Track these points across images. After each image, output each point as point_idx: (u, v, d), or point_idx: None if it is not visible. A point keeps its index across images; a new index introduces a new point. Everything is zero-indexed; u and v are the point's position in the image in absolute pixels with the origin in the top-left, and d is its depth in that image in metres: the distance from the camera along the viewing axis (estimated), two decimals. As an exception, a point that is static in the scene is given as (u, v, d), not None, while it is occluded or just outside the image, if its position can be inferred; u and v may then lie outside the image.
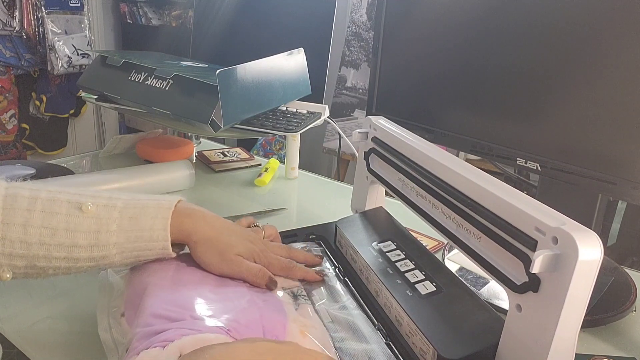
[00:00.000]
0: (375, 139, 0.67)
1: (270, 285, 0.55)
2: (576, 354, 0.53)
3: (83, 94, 1.10)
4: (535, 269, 0.39)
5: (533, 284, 0.41)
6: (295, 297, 0.56)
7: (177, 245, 0.55)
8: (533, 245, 0.40)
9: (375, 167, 0.69)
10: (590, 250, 0.37)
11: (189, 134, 1.22)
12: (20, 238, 0.48)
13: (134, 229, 0.52)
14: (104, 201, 0.52)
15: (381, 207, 0.72)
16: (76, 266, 0.51)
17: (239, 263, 0.55)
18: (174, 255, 0.55)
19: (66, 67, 2.37)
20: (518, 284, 0.42)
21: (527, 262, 0.41)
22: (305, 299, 0.56)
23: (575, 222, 0.39)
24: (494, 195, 0.45)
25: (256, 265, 0.56)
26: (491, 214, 0.45)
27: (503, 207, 0.44)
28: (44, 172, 0.94)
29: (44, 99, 2.45)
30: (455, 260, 0.72)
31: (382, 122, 0.68)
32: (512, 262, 0.43)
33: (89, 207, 0.51)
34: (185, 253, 0.59)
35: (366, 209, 0.72)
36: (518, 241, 0.42)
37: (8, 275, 0.49)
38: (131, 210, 0.52)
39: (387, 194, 0.71)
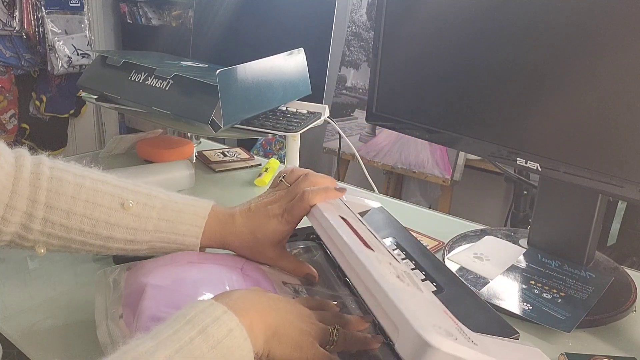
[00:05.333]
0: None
1: (309, 279, 0.58)
2: (576, 354, 0.53)
3: (83, 94, 1.10)
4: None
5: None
6: (296, 292, 0.56)
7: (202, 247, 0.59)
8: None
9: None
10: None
11: (189, 134, 1.22)
12: (62, 222, 0.52)
13: (168, 232, 0.56)
14: (144, 199, 0.56)
15: (382, 207, 0.72)
16: (107, 252, 0.56)
17: (278, 256, 0.58)
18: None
19: (66, 67, 2.37)
20: None
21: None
22: (305, 296, 0.56)
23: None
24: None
25: (292, 265, 0.59)
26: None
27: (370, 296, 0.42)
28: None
29: (44, 99, 2.45)
30: (455, 260, 0.72)
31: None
32: None
33: (130, 205, 0.54)
34: (183, 252, 0.59)
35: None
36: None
37: (42, 251, 0.54)
38: (169, 213, 0.56)
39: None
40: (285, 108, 1.01)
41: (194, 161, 1.16)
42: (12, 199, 0.50)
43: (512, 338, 0.47)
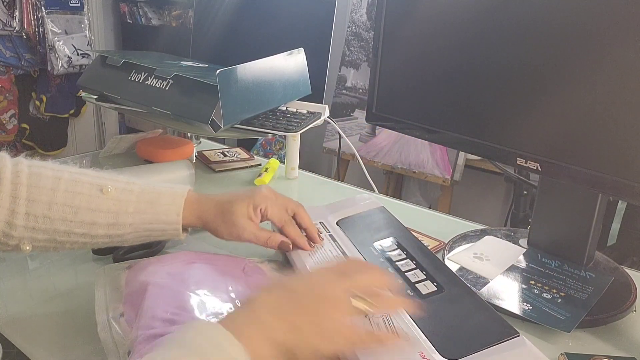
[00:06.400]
0: None
1: (283, 247, 0.60)
2: (576, 354, 0.53)
3: (83, 94, 1.10)
4: None
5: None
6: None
7: (185, 229, 0.60)
8: None
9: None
10: None
11: (189, 134, 1.22)
12: (45, 214, 0.53)
13: (149, 212, 0.57)
14: (122, 185, 0.57)
15: (383, 206, 0.72)
16: (92, 242, 0.56)
17: (248, 230, 0.59)
18: (183, 237, 0.60)
19: (66, 67, 2.37)
20: None
21: None
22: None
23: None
24: None
25: (264, 234, 0.60)
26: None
27: None
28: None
29: (44, 99, 2.45)
30: (455, 260, 0.72)
31: None
32: None
33: (109, 190, 0.56)
34: (183, 252, 0.60)
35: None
36: None
37: (28, 248, 0.54)
38: (148, 195, 0.58)
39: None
40: (285, 108, 1.01)
41: (194, 161, 1.16)
42: None
43: (512, 338, 0.47)
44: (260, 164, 1.14)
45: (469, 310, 0.51)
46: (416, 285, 0.55)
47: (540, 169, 0.63)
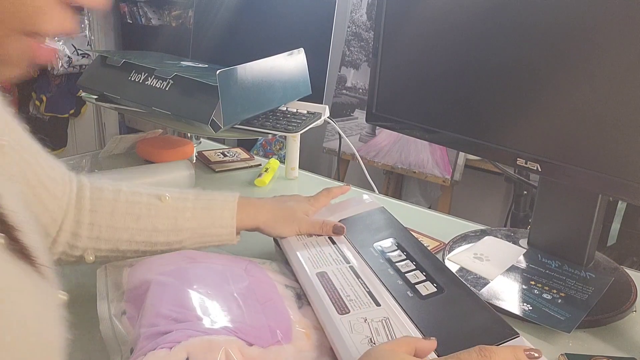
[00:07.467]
0: None
1: (337, 231, 0.64)
2: (576, 354, 0.53)
3: (83, 94, 1.10)
4: None
5: None
6: (299, 297, 0.56)
7: (238, 234, 0.64)
8: None
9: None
10: None
11: (189, 134, 1.22)
12: (108, 223, 0.56)
13: (206, 217, 0.60)
14: (177, 194, 0.61)
15: (383, 207, 0.72)
16: (152, 250, 0.59)
17: (305, 221, 0.65)
18: (236, 242, 0.64)
19: (66, 67, 2.37)
20: None
21: None
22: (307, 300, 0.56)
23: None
24: None
25: (318, 221, 0.66)
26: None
27: None
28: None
29: (44, 99, 2.45)
30: (455, 261, 0.72)
31: None
32: None
33: (167, 198, 0.59)
34: (185, 251, 0.60)
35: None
36: None
37: (91, 258, 0.57)
38: (202, 201, 0.61)
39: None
40: (285, 108, 1.01)
41: (194, 161, 1.16)
42: (66, 210, 0.55)
43: (512, 339, 0.47)
44: (260, 164, 1.14)
45: (469, 311, 0.51)
46: (416, 286, 0.55)
47: (540, 169, 0.63)
